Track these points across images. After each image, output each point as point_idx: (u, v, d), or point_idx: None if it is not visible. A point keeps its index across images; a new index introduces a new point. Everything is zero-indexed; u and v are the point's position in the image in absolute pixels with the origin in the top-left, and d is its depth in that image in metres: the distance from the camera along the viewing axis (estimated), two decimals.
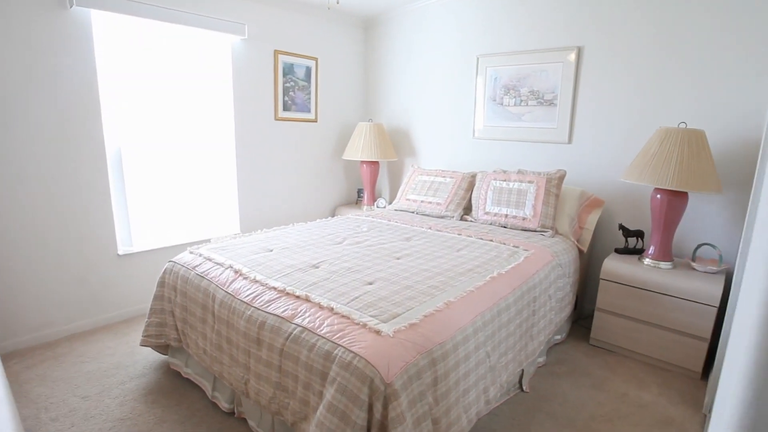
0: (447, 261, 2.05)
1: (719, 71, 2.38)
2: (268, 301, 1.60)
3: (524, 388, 2.07)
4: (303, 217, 3.74)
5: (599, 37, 2.76)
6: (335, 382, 1.27)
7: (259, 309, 1.59)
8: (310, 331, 1.41)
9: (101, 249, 2.56)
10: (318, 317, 1.46)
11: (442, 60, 3.53)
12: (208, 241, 3.05)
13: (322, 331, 1.39)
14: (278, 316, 1.52)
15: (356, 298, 1.57)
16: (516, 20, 3.10)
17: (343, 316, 1.45)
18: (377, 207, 3.83)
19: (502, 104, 3.25)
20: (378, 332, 1.35)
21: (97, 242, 2.54)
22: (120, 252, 2.64)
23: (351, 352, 1.28)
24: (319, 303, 1.53)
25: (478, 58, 3.31)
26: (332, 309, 1.48)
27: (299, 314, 1.50)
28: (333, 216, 4.01)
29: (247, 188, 3.29)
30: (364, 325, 1.39)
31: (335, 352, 1.31)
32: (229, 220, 3.27)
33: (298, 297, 1.60)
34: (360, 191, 4.14)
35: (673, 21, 2.49)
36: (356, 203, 4.14)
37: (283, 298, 1.61)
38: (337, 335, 1.36)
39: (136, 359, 2.22)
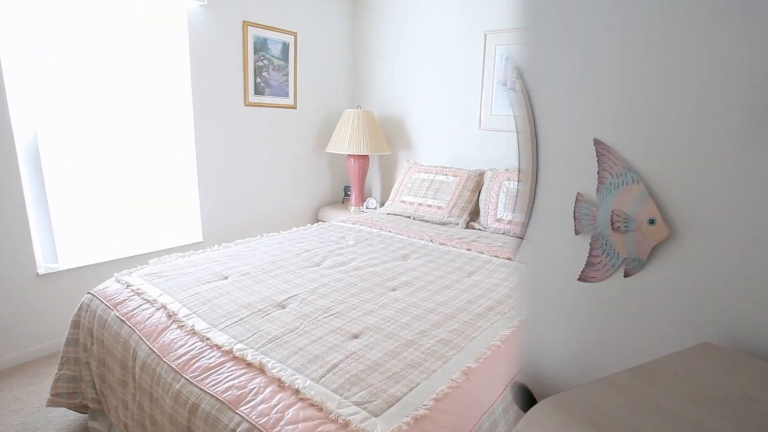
0: (457, 293, 1.56)
1: None
2: (207, 370, 1.10)
3: None
4: (280, 220, 3.22)
5: None
6: None
7: (191, 382, 1.08)
8: (260, 430, 0.91)
9: (14, 267, 2.01)
10: (276, 405, 0.96)
11: (444, 37, 3.02)
12: (170, 251, 2.52)
13: None
14: (217, 398, 1.01)
15: (334, 367, 1.07)
16: None
17: (312, 405, 0.95)
18: (367, 208, 3.33)
19: (514, 90, 2.75)
20: None
21: (8, 259, 1.99)
22: (40, 271, 2.09)
23: None
24: (278, 378, 1.03)
25: (485, 35, 2.80)
26: (297, 391, 0.99)
27: (248, 397, 1.00)
28: (316, 219, 3.50)
29: (210, 187, 2.75)
30: (346, 424, 0.89)
31: None
32: (188, 227, 2.72)
33: (249, 365, 1.09)
34: (347, 189, 3.62)
35: None
36: (342, 203, 3.63)
37: (229, 364, 1.11)
38: None
39: (48, 418, 1.69)
